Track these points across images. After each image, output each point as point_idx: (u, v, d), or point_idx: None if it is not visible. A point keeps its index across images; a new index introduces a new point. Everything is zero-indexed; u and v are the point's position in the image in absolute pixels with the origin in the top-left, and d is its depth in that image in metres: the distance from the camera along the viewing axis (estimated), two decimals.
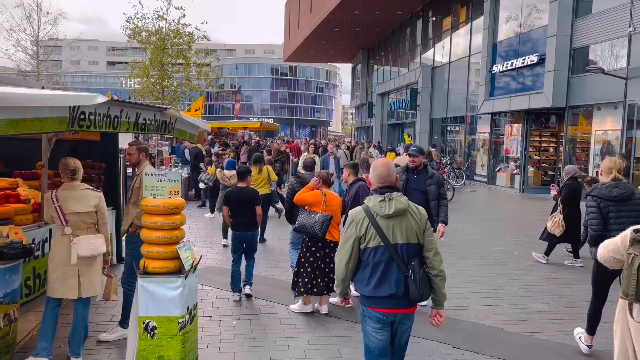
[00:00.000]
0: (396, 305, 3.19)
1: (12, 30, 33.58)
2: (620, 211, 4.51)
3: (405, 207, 3.23)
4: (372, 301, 3.21)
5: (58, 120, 3.95)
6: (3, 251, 4.21)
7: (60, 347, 4.67)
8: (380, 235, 3.17)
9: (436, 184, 6.23)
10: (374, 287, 3.18)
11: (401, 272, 3.16)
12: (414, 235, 3.22)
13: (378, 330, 3.22)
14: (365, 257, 3.20)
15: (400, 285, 3.16)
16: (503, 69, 20.23)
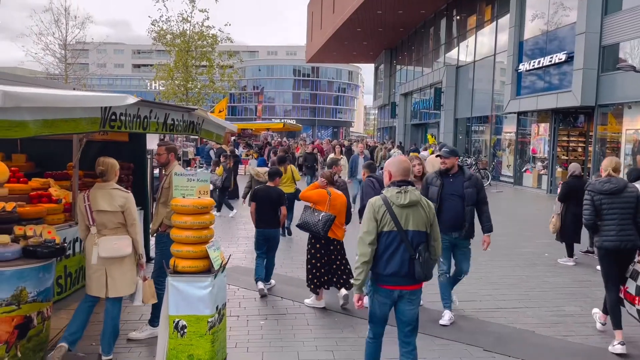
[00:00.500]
0: (400, 283, 3.69)
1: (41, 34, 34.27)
2: (612, 203, 5.08)
3: (418, 199, 3.75)
4: (381, 278, 3.72)
5: (91, 121, 4.01)
6: (37, 250, 4.28)
7: (92, 344, 4.74)
8: (394, 221, 3.67)
9: (474, 186, 5.60)
10: (382, 266, 3.69)
11: (408, 254, 3.66)
12: (423, 224, 3.74)
13: (384, 303, 3.78)
14: (380, 240, 3.69)
15: (405, 265, 3.66)
16: (530, 67, 19.89)
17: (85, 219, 4.53)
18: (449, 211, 5.50)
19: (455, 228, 5.52)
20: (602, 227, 5.07)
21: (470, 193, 5.53)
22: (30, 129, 3.40)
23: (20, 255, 4.25)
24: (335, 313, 5.84)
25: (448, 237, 5.49)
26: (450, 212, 5.50)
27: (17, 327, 4.11)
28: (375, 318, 3.83)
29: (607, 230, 5.03)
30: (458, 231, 5.53)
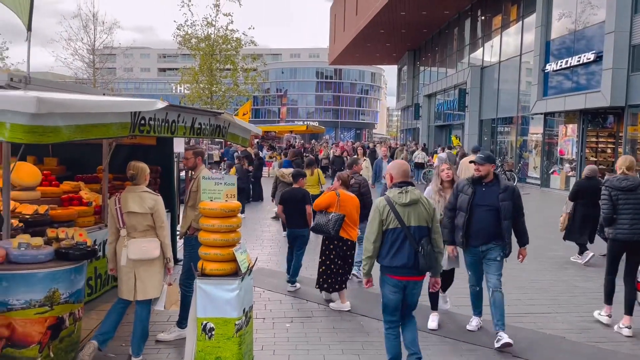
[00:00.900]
0: (407, 274, 4.14)
1: (70, 40, 35.02)
2: (628, 199, 5.52)
3: (418, 198, 4.19)
4: (390, 270, 4.17)
5: (121, 126, 4.08)
6: (69, 252, 4.37)
7: (121, 345, 4.82)
8: (398, 219, 4.11)
9: (511, 199, 5.08)
10: (390, 259, 4.13)
11: (412, 248, 4.10)
12: (424, 220, 4.17)
13: (394, 292, 4.18)
14: (386, 236, 4.15)
15: (411, 258, 4.10)
16: (557, 67, 19.55)
17: (115, 221, 4.61)
18: (478, 223, 5.08)
19: (483, 240, 5.10)
20: (617, 221, 5.55)
21: (506, 206, 5.03)
22: (64, 134, 3.48)
23: (52, 258, 4.35)
24: (362, 317, 5.82)
25: (475, 251, 5.18)
26: (480, 224, 5.07)
27: (50, 327, 4.20)
28: (389, 308, 4.24)
29: (622, 224, 5.50)
30: (486, 244, 5.10)
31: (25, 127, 3.24)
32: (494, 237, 5.09)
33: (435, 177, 5.86)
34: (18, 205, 5.42)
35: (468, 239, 5.17)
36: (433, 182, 5.85)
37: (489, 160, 5.18)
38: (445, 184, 5.73)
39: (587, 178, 8.49)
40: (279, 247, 9.30)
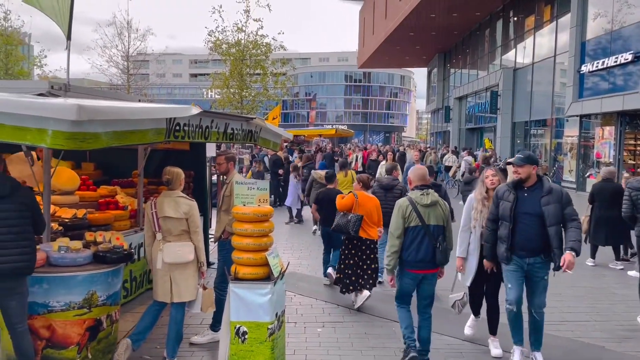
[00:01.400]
0: (425, 267, 4.61)
1: (105, 47, 35.90)
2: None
3: (437, 200, 4.67)
4: (409, 264, 4.61)
5: (157, 132, 4.16)
6: (106, 256, 4.47)
7: (156, 347, 4.90)
8: (419, 218, 4.58)
9: (558, 202, 4.50)
10: (411, 254, 4.57)
11: (431, 244, 4.56)
12: (441, 219, 4.64)
13: (410, 284, 4.71)
14: (407, 233, 4.59)
15: (429, 253, 4.56)
16: (593, 68, 19.05)
17: (151, 225, 4.69)
18: (522, 233, 4.56)
19: (529, 253, 4.57)
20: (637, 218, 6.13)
21: (552, 210, 4.48)
22: (103, 141, 3.57)
23: (91, 261, 4.46)
24: (394, 322, 5.76)
25: (520, 262, 4.62)
26: (524, 234, 4.55)
27: (88, 329, 4.31)
28: (403, 296, 4.78)
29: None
30: (534, 257, 4.58)
31: (66, 134, 3.34)
32: (541, 250, 4.54)
33: (479, 184, 5.21)
34: (57, 209, 5.58)
35: (512, 252, 4.62)
36: (477, 190, 5.20)
37: (529, 160, 4.60)
38: (491, 192, 5.06)
39: (604, 180, 8.56)
40: (310, 251, 9.32)
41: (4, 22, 32.31)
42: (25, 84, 5.52)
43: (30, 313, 4.10)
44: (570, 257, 4.35)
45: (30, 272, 3.95)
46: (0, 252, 3.69)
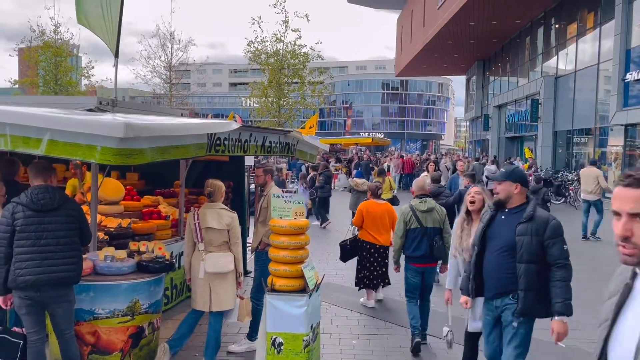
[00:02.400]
0: (425, 262, 5.48)
1: (149, 58, 37.05)
2: None
3: (433, 206, 5.58)
4: (412, 259, 5.51)
5: (198, 146, 4.32)
6: (149, 265, 4.65)
7: (195, 355, 5.04)
8: (418, 221, 5.48)
9: (537, 235, 3.50)
10: (412, 251, 5.49)
11: (429, 242, 5.43)
12: (437, 222, 5.52)
13: (414, 277, 5.52)
14: (408, 234, 5.50)
15: (427, 250, 5.43)
16: (638, 77, 18.47)
17: (194, 235, 4.83)
18: (488, 266, 3.72)
19: (496, 292, 3.70)
20: None
21: (526, 244, 3.51)
22: (147, 156, 3.74)
23: (134, 270, 4.65)
24: (430, 337, 5.75)
25: (488, 304, 3.81)
26: (490, 267, 3.71)
27: (131, 336, 4.49)
28: (411, 287, 5.55)
29: None
30: (501, 297, 3.68)
31: (114, 150, 3.52)
32: (510, 289, 3.61)
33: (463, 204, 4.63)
34: (103, 219, 5.82)
35: (480, 287, 3.80)
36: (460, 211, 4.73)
37: (510, 177, 3.69)
38: (475, 214, 4.42)
39: None
40: (346, 263, 9.34)
41: (54, 35, 33.76)
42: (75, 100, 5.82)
43: (77, 319, 4.30)
44: (560, 325, 3.43)
45: (77, 282, 4.14)
46: (48, 262, 3.88)
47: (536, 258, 3.54)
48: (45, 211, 3.93)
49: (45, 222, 3.92)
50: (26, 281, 3.83)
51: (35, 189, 3.98)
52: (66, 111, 4.12)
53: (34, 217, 3.89)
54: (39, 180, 4.04)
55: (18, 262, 3.84)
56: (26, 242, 3.86)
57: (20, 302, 3.92)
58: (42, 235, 3.89)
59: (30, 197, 3.92)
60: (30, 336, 4.01)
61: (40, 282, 3.86)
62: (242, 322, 5.04)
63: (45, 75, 34.01)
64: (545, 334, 5.69)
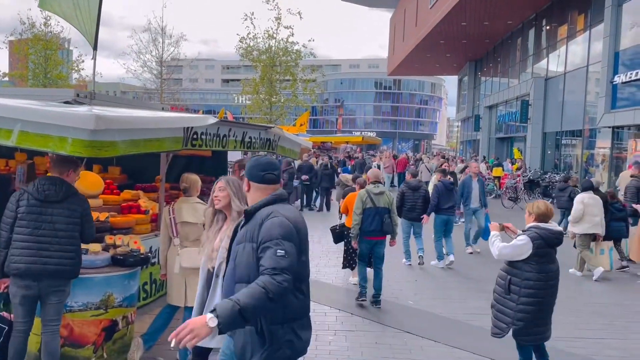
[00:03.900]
0: (376, 235, 6.72)
1: (140, 53, 36.83)
2: None
3: (384, 190, 6.85)
4: (366, 233, 6.68)
5: (174, 140, 4.31)
6: (123, 259, 4.63)
7: (169, 350, 5.02)
8: (372, 202, 6.67)
9: (251, 240, 2.69)
10: (367, 226, 6.64)
11: (380, 219, 6.63)
12: (387, 203, 6.73)
13: (366, 247, 6.78)
14: (365, 213, 6.63)
15: (379, 225, 6.64)
16: (626, 79, 18.60)
17: (169, 230, 4.82)
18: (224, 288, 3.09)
19: None
20: None
21: (240, 254, 2.74)
22: (120, 149, 3.72)
23: (109, 263, 4.63)
24: (405, 334, 5.78)
25: None
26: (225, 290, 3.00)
27: (104, 329, 4.47)
28: (363, 256, 6.85)
29: None
30: None
31: (85, 142, 3.50)
32: None
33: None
34: None
35: None
36: None
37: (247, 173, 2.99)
38: (222, 214, 3.88)
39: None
40: (329, 259, 9.37)
41: (44, 28, 33.47)
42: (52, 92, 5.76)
43: None
44: (198, 321, 2.42)
45: (74, 277, 4.13)
46: (43, 253, 3.88)
47: (248, 276, 2.66)
48: (49, 202, 3.94)
49: (47, 213, 3.92)
50: (18, 268, 3.84)
51: (43, 179, 4.03)
52: (40, 103, 4.10)
53: (36, 206, 3.90)
54: (54, 172, 4.09)
55: (14, 249, 3.86)
56: (25, 230, 3.87)
57: (16, 291, 3.91)
58: (41, 226, 3.90)
59: (36, 187, 3.95)
60: (17, 325, 4.00)
61: (31, 272, 3.85)
62: None
63: (34, 68, 33.70)
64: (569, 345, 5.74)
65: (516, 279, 4.18)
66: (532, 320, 4.16)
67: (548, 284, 4.20)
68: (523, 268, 4.16)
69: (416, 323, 6.05)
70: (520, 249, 4.15)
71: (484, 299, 7.13)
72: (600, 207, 8.65)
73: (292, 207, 3.02)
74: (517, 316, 4.16)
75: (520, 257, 4.16)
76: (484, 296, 7.28)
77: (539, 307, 4.16)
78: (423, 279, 8.20)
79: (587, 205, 8.56)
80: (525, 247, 4.13)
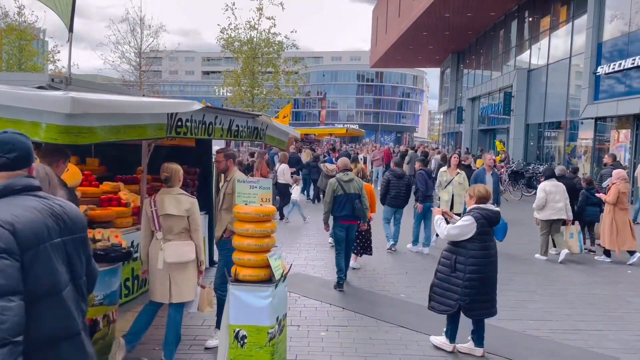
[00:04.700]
0: (348, 219, 7.01)
1: (118, 43, 36.01)
2: None
3: (353, 177, 7.12)
4: (339, 218, 7.02)
5: (157, 127, 4.03)
6: (104, 254, 4.35)
7: (154, 349, 4.77)
8: (342, 189, 6.97)
9: None
10: (339, 212, 6.99)
11: (351, 205, 6.95)
12: (357, 189, 7.02)
13: (340, 231, 7.04)
14: (336, 199, 6.98)
15: (350, 210, 6.96)
16: (609, 70, 18.68)
17: (151, 224, 4.55)
18: None
19: None
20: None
21: None
22: (99, 135, 3.44)
23: None
24: (401, 328, 5.60)
25: None
26: None
27: None
28: (338, 241, 7.11)
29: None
30: None
31: (60, 128, 3.22)
32: None
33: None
34: None
35: None
36: None
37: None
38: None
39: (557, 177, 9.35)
40: (317, 252, 9.16)
41: (18, 17, 32.49)
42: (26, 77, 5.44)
43: None
44: None
45: None
46: None
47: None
48: None
49: None
50: None
51: None
52: (12, 87, 3.78)
53: None
54: (44, 162, 3.77)
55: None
56: None
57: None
58: None
59: None
60: None
61: None
62: (203, 312, 4.78)
63: (8, 59, 32.71)
64: (519, 325, 5.61)
65: (461, 258, 4.72)
66: (478, 295, 4.70)
67: (490, 260, 4.75)
68: (467, 247, 4.70)
69: (410, 317, 5.87)
70: (466, 228, 4.69)
71: None
72: (563, 193, 9.01)
73: (33, 200, 2.16)
74: (464, 292, 4.69)
75: (466, 236, 4.69)
76: None
77: (482, 283, 4.71)
78: (414, 271, 8.03)
79: (549, 193, 8.97)
80: (471, 227, 4.68)
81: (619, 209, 8.87)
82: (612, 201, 8.87)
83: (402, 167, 10.28)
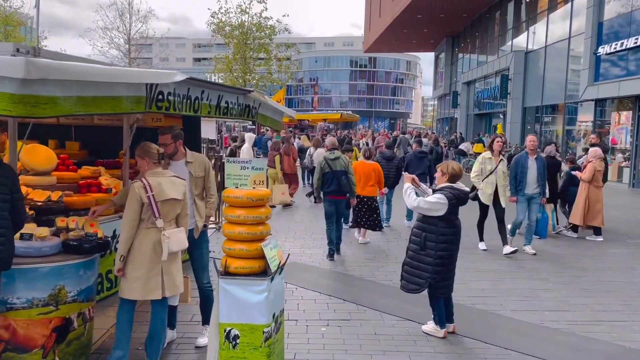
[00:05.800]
0: (336, 195, 7.54)
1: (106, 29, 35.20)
2: None
3: (339, 155, 7.65)
4: (327, 194, 7.59)
5: (134, 100, 3.52)
6: (77, 245, 3.87)
7: (137, 349, 4.29)
8: (329, 166, 7.53)
9: None
10: (327, 188, 7.57)
11: (338, 181, 7.47)
12: (343, 166, 7.51)
13: (329, 206, 7.60)
14: (324, 177, 7.56)
15: (337, 186, 7.48)
16: (610, 50, 18.22)
17: (149, 211, 3.84)
18: None
19: None
20: None
21: None
22: (62, 107, 2.94)
23: (59, 250, 3.86)
24: (408, 322, 5.16)
25: None
26: None
27: (55, 330, 3.72)
28: (328, 215, 7.62)
29: None
30: None
31: (14, 97, 2.73)
32: None
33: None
34: (30, 191, 4.95)
35: None
36: None
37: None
38: None
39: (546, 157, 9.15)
40: (313, 240, 8.70)
41: (3, 2, 31.61)
42: None
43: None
44: None
45: (6, 268, 3.40)
46: None
47: None
48: None
49: None
50: None
51: None
52: None
53: None
54: None
55: None
56: None
57: None
58: None
59: None
60: None
61: None
62: (185, 303, 4.29)
63: None
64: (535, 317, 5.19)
65: (431, 235, 4.64)
66: (446, 273, 4.71)
67: (457, 237, 4.74)
68: (438, 224, 4.64)
69: (417, 309, 5.42)
70: (437, 205, 4.62)
71: (487, 280, 6.59)
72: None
73: None
74: (434, 270, 4.63)
75: (436, 213, 4.62)
76: (486, 277, 6.74)
77: (450, 260, 4.71)
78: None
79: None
80: (442, 205, 4.61)
81: (594, 186, 9.07)
82: (587, 179, 9.06)
83: (392, 150, 11.04)
